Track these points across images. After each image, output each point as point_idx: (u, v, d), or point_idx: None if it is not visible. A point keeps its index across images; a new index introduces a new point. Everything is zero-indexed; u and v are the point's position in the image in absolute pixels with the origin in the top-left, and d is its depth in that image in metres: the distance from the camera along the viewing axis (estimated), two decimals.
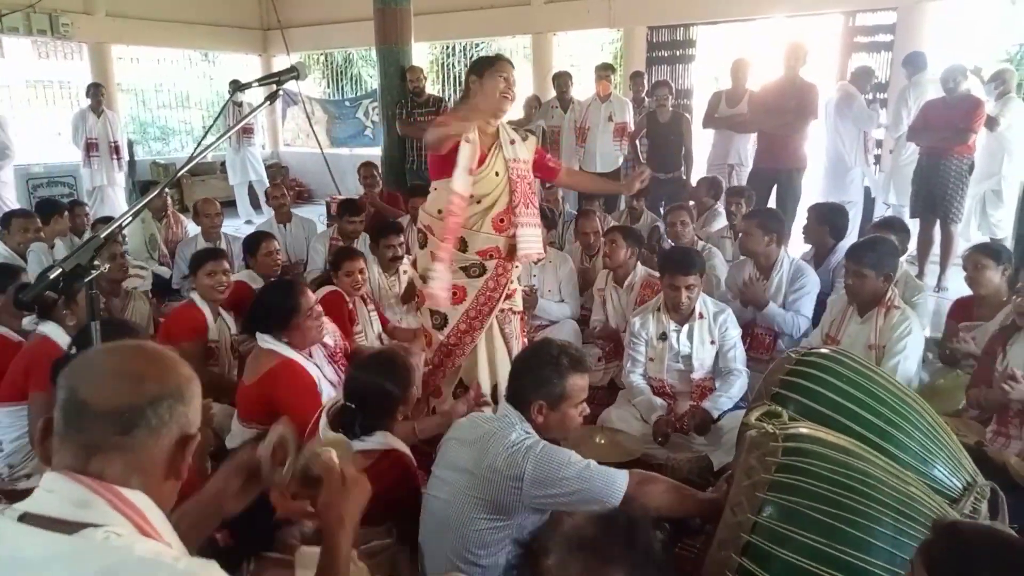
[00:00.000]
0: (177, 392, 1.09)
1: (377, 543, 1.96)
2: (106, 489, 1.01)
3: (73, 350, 2.10)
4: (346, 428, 2.06)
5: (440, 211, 2.84)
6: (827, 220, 4.13)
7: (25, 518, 0.98)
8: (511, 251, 2.96)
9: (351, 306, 3.68)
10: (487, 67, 2.85)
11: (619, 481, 1.86)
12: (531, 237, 2.97)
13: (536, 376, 1.99)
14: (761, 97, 5.81)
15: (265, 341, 2.73)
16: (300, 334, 2.76)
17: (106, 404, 1.03)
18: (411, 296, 4.04)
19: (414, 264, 3.33)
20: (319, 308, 2.88)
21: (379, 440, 2.08)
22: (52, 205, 5.36)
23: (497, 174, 2.89)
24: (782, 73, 5.63)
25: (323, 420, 2.17)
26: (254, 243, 4.18)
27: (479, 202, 2.88)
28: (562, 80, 6.91)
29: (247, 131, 9.01)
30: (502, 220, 2.92)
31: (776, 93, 5.63)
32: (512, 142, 2.97)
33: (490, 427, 1.99)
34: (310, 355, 2.87)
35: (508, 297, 3.07)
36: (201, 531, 1.38)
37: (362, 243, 5.09)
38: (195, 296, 3.48)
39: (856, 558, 1.49)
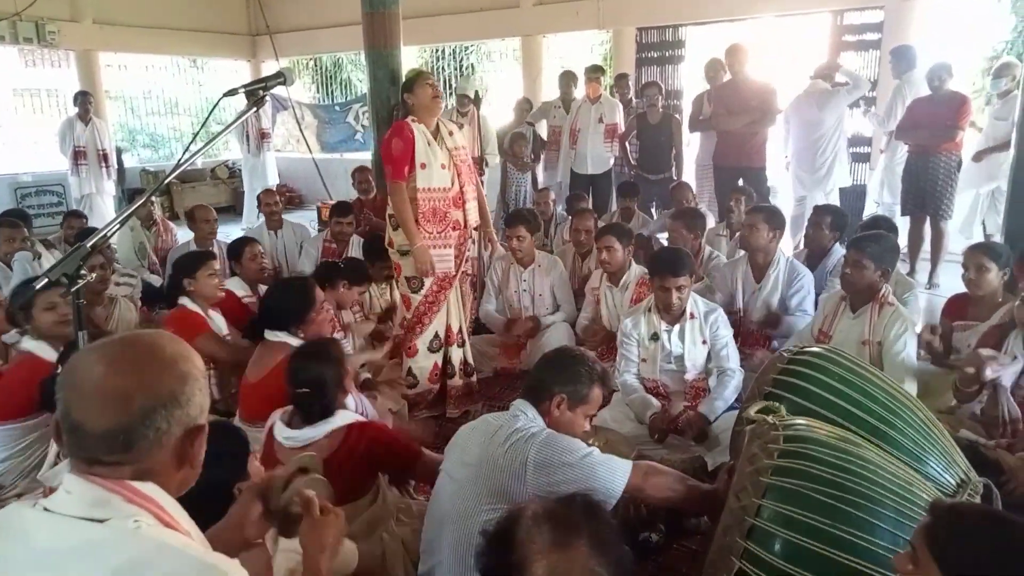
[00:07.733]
0: (170, 397, 1.06)
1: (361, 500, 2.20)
2: (120, 486, 1.02)
3: (59, 369, 2.08)
4: (309, 415, 2.20)
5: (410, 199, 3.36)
6: (835, 224, 4.18)
7: None
8: (467, 223, 3.55)
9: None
10: (413, 83, 3.40)
11: (622, 469, 1.87)
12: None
13: (568, 371, 2.01)
14: (723, 99, 5.93)
15: (276, 336, 2.86)
16: (315, 328, 2.93)
17: (98, 426, 1.02)
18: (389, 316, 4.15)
19: (390, 243, 3.57)
20: (328, 304, 3.24)
21: (339, 420, 2.20)
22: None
23: (443, 166, 3.40)
24: (730, 76, 5.86)
25: (277, 423, 2.25)
26: (237, 249, 4.13)
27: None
28: (566, 80, 6.84)
29: (264, 136, 9.09)
30: (458, 197, 3.48)
31: (734, 94, 5.82)
32: (451, 133, 3.50)
33: (499, 421, 2.00)
34: None
35: (467, 261, 3.79)
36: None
37: (356, 247, 5.07)
38: (185, 300, 3.41)
39: (860, 538, 1.49)
